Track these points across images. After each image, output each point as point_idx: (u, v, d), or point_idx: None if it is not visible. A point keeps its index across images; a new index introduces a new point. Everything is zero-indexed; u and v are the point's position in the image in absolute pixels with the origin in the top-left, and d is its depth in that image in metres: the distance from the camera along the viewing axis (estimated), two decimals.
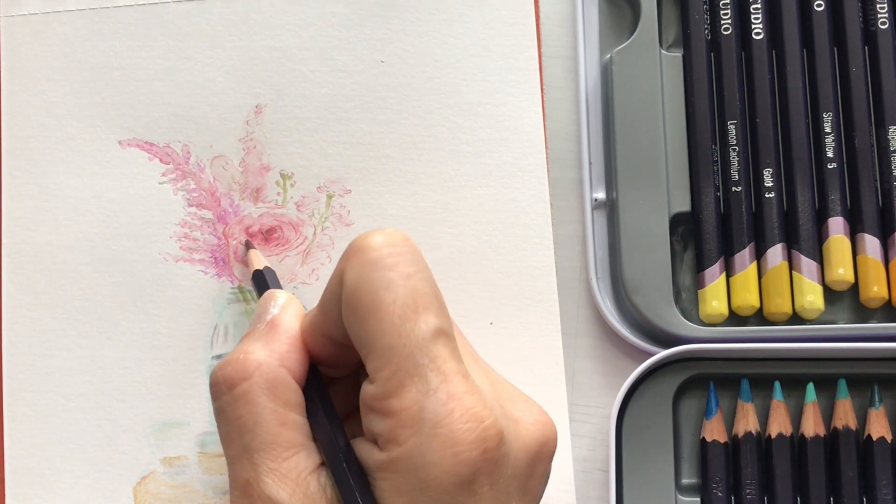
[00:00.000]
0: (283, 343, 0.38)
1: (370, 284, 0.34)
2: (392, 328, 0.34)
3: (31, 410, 0.48)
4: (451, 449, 0.33)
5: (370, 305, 0.34)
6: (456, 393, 0.33)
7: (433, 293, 0.35)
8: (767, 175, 0.48)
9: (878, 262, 0.47)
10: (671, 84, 0.49)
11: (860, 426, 0.47)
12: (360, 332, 0.34)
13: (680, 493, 0.47)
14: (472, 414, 0.33)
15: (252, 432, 0.36)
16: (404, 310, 0.34)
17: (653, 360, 0.47)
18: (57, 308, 0.48)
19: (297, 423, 0.36)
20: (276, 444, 0.35)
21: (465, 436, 0.33)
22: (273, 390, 0.36)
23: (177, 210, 0.49)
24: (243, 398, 0.36)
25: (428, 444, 0.33)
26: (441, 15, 0.50)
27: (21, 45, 0.50)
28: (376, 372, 0.34)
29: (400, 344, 0.34)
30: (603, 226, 0.49)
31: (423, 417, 0.33)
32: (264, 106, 0.49)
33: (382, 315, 0.34)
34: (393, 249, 0.35)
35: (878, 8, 0.49)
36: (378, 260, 0.35)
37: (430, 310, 0.34)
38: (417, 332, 0.34)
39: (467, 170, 0.49)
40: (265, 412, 0.36)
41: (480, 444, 0.33)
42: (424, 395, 0.33)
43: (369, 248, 0.35)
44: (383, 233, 0.35)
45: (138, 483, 0.47)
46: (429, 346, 0.34)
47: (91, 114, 0.49)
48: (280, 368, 0.37)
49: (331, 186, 0.49)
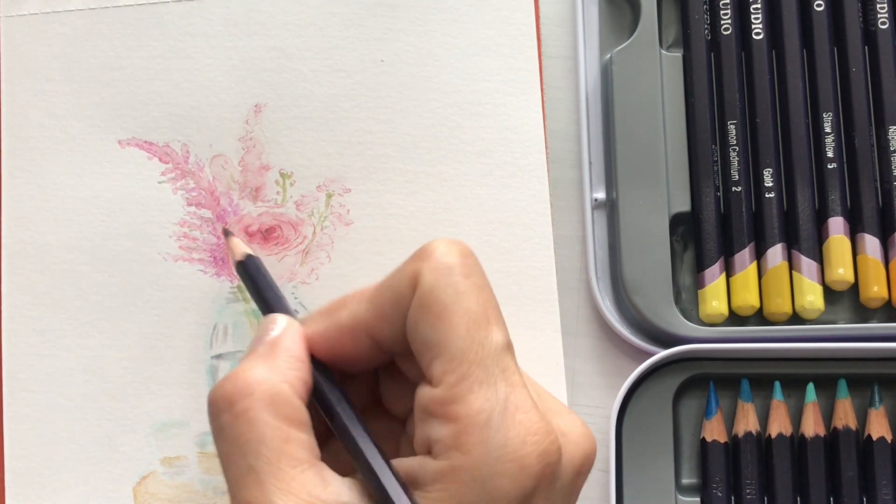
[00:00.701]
0: (284, 361, 0.37)
1: (448, 288, 0.34)
2: (467, 334, 0.34)
3: (31, 410, 0.48)
4: (518, 462, 0.33)
5: (446, 309, 0.34)
6: (523, 406, 0.33)
7: (499, 308, 0.35)
8: (767, 175, 0.48)
9: (878, 262, 0.47)
10: (671, 84, 0.49)
11: (860, 426, 0.47)
12: (430, 335, 0.34)
13: (680, 493, 0.47)
14: (538, 427, 0.33)
15: (256, 451, 0.34)
16: (478, 318, 0.34)
17: (653, 360, 0.47)
18: (57, 308, 0.48)
19: (302, 441, 0.35)
20: (282, 463, 0.34)
21: (532, 449, 0.33)
22: (276, 407, 0.35)
23: (176, 209, 0.49)
24: (244, 416, 0.35)
25: (496, 454, 0.33)
26: (441, 15, 0.50)
27: (21, 45, 0.50)
28: (444, 375, 0.34)
29: (473, 350, 0.34)
30: (603, 226, 0.49)
31: (491, 426, 0.33)
32: (264, 105, 0.49)
33: (457, 320, 0.34)
34: (467, 259, 0.35)
35: (878, 8, 0.49)
36: (455, 267, 0.35)
37: (500, 323, 0.35)
38: (490, 341, 0.34)
39: (467, 170, 0.49)
40: (269, 430, 0.34)
41: (545, 458, 0.33)
42: (493, 404, 0.33)
43: (446, 254, 0.35)
44: (456, 242, 0.36)
45: (138, 483, 0.47)
46: (500, 357, 0.34)
47: (91, 114, 0.49)
48: (282, 384, 0.36)
49: (330, 186, 0.49)
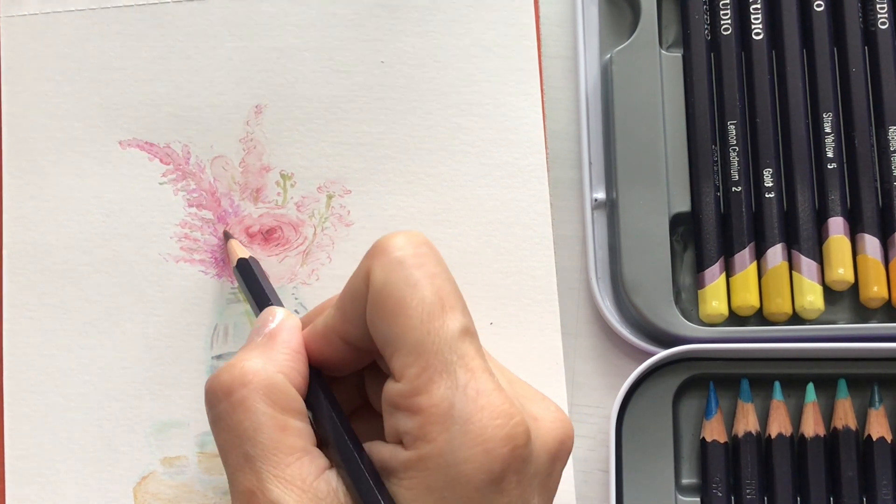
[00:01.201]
0: (280, 353, 0.37)
1: (398, 282, 0.35)
2: (421, 325, 0.34)
3: (31, 410, 0.48)
4: (482, 445, 0.33)
5: (398, 303, 0.34)
6: (484, 390, 0.34)
7: (457, 293, 0.35)
8: (767, 175, 0.48)
9: (878, 262, 0.47)
10: (671, 84, 0.49)
11: (860, 426, 0.47)
12: (386, 330, 0.35)
13: (680, 493, 0.47)
14: (501, 411, 0.33)
15: (252, 439, 0.35)
16: (432, 307, 0.34)
17: (653, 360, 0.47)
18: (57, 308, 0.48)
19: (298, 429, 0.36)
20: (278, 451, 0.35)
21: (495, 432, 0.33)
22: (271, 396, 0.36)
23: (177, 210, 0.49)
24: (241, 405, 0.36)
25: (460, 440, 0.33)
26: (441, 15, 0.50)
27: (21, 45, 0.50)
28: (404, 369, 0.34)
29: (429, 341, 0.34)
30: (603, 226, 0.49)
31: (454, 414, 0.33)
32: (264, 106, 0.49)
33: (411, 312, 0.34)
34: (418, 250, 0.35)
35: (878, 8, 0.49)
36: (404, 259, 0.35)
37: (456, 308, 0.35)
38: (446, 330, 0.34)
39: (467, 170, 0.49)
40: (264, 418, 0.35)
41: (511, 441, 0.33)
42: (454, 392, 0.33)
43: (395, 247, 0.35)
44: (407, 234, 0.36)
45: (138, 483, 0.47)
46: (457, 344, 0.34)
47: (91, 114, 0.49)
48: (278, 374, 0.36)
49: (331, 187, 0.49)
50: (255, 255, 0.48)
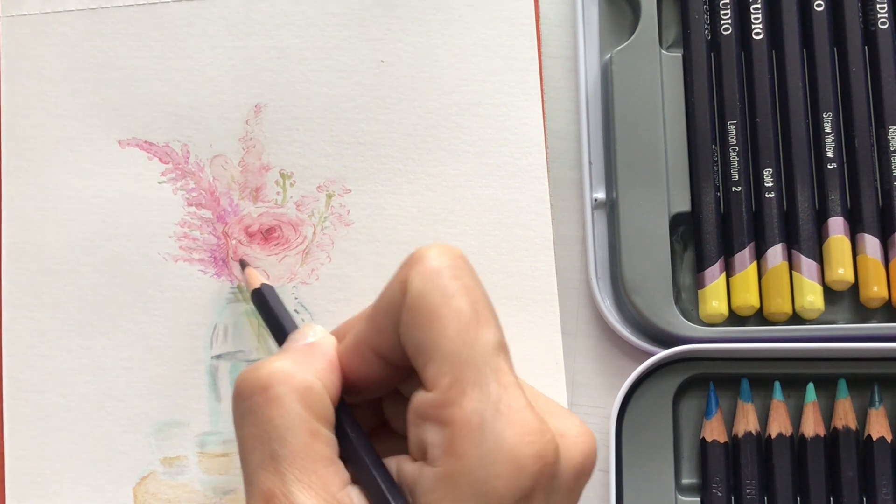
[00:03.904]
0: (320, 362, 0.37)
1: (436, 291, 0.34)
2: (457, 335, 0.34)
3: (31, 410, 0.48)
4: (513, 462, 0.32)
5: (435, 311, 0.34)
6: (517, 406, 0.33)
7: (491, 307, 0.35)
8: (767, 175, 0.48)
9: (878, 262, 0.47)
10: (671, 84, 0.49)
11: (860, 426, 0.47)
12: (421, 339, 0.34)
13: (680, 493, 0.47)
14: (532, 427, 0.33)
15: (282, 439, 0.34)
16: (469, 319, 0.34)
17: (653, 360, 0.47)
18: (57, 308, 0.48)
19: (327, 438, 0.35)
20: (306, 455, 0.34)
21: (527, 449, 0.33)
22: (308, 400, 0.35)
23: (176, 210, 0.49)
24: (277, 401, 0.35)
25: (491, 456, 0.32)
26: (441, 15, 0.50)
27: (21, 45, 0.50)
28: (437, 378, 0.34)
29: (464, 352, 0.33)
30: (603, 226, 0.49)
31: (485, 429, 0.33)
32: (264, 105, 0.49)
33: (447, 321, 0.34)
34: (455, 262, 0.35)
35: (878, 8, 0.49)
36: (443, 270, 0.35)
37: (491, 322, 0.34)
38: (481, 343, 0.34)
39: (467, 170, 0.49)
40: (298, 420, 0.35)
41: (541, 459, 0.33)
42: (486, 406, 0.33)
43: (434, 258, 0.35)
44: (444, 246, 0.36)
45: (138, 483, 0.47)
46: (492, 357, 0.34)
47: (91, 114, 0.49)
48: (316, 381, 0.36)
49: (330, 186, 0.49)
50: (255, 255, 0.48)
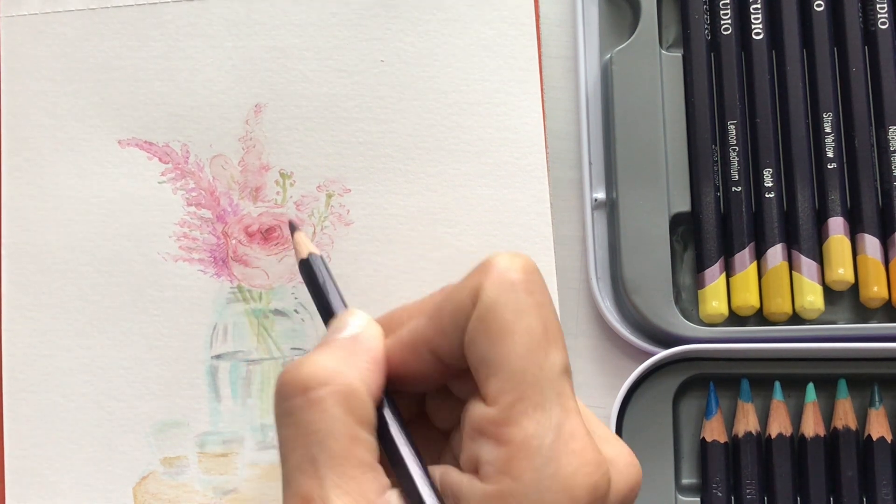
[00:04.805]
0: (364, 360, 0.36)
1: (510, 304, 0.33)
2: (526, 354, 0.33)
3: (31, 410, 0.48)
4: (569, 492, 0.32)
5: (506, 325, 0.33)
6: (578, 434, 0.33)
7: (559, 328, 0.34)
8: (767, 175, 0.48)
9: (878, 262, 0.47)
10: (671, 84, 0.49)
11: (860, 426, 0.47)
12: (488, 352, 0.33)
13: (680, 493, 0.47)
14: (590, 458, 0.32)
15: (322, 443, 0.34)
16: (539, 338, 0.33)
17: (653, 360, 0.47)
18: (57, 308, 0.48)
19: (368, 443, 0.34)
20: (345, 461, 0.34)
21: (584, 480, 0.32)
22: (349, 403, 0.34)
23: (176, 209, 0.49)
24: (318, 404, 0.34)
25: (547, 482, 0.32)
26: (441, 15, 0.50)
27: (21, 45, 0.50)
28: (499, 395, 0.33)
29: (531, 371, 0.33)
30: (603, 226, 0.49)
31: (543, 453, 0.32)
32: (264, 105, 0.49)
33: (517, 338, 0.33)
34: (530, 276, 0.34)
35: (878, 8, 0.49)
36: (518, 283, 0.34)
37: (559, 343, 0.34)
38: (549, 364, 0.33)
39: (467, 170, 0.49)
40: (339, 424, 0.34)
41: (594, 490, 0.32)
42: (547, 430, 0.32)
43: (510, 269, 0.34)
44: (519, 256, 0.34)
45: (138, 483, 0.47)
46: (557, 380, 0.33)
47: (91, 114, 0.49)
48: (358, 382, 0.35)
49: (330, 186, 0.49)
50: (255, 254, 0.48)
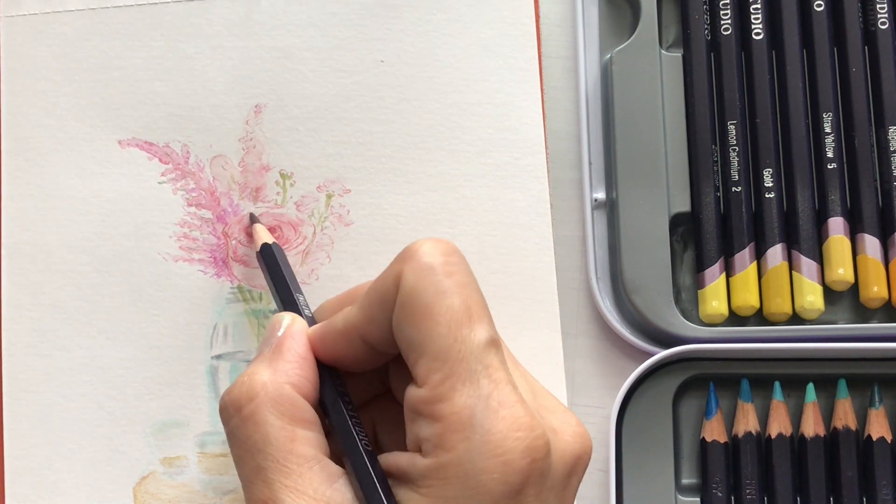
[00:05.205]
0: (288, 362, 0.38)
1: (429, 288, 0.35)
2: (448, 332, 0.34)
3: (31, 410, 0.48)
4: (502, 457, 0.33)
5: (427, 308, 0.34)
6: (507, 401, 0.34)
7: (484, 305, 0.36)
8: (767, 175, 0.48)
9: (878, 262, 0.47)
10: (671, 84, 0.49)
11: (860, 426, 0.47)
12: (413, 335, 0.35)
13: (680, 493, 0.47)
14: (522, 423, 0.33)
15: (263, 452, 0.36)
16: (460, 316, 0.34)
17: (653, 360, 0.47)
18: (57, 308, 0.48)
19: (308, 438, 0.36)
20: (287, 461, 0.35)
21: (515, 444, 0.33)
22: (280, 408, 0.36)
23: (176, 210, 0.49)
24: (251, 419, 0.36)
25: (479, 450, 0.33)
26: (441, 15, 0.50)
27: (21, 45, 0.50)
28: (428, 375, 0.34)
29: (455, 349, 0.34)
30: (603, 226, 0.49)
31: (474, 424, 0.33)
32: (264, 106, 0.49)
33: (439, 318, 0.34)
34: (449, 258, 0.35)
35: (878, 8, 0.49)
36: (437, 266, 0.35)
37: (483, 319, 0.35)
38: (472, 339, 0.34)
39: (467, 170, 0.49)
40: (273, 430, 0.36)
41: (530, 454, 0.33)
42: (476, 401, 0.33)
43: (428, 253, 0.35)
44: (438, 241, 0.36)
45: (138, 483, 0.47)
46: (482, 354, 0.34)
47: (91, 114, 0.49)
48: (286, 386, 0.37)
49: (330, 186, 0.49)
50: (255, 255, 0.48)
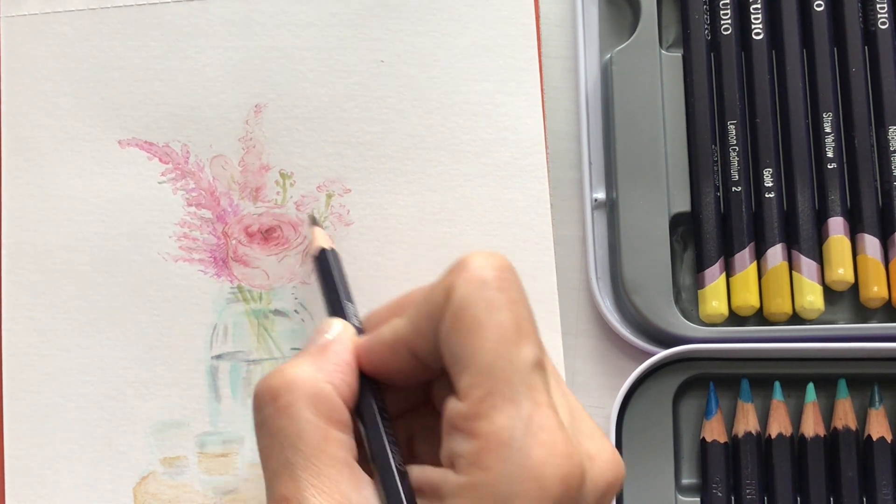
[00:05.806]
0: (331, 363, 0.37)
1: (480, 302, 0.34)
2: (495, 348, 0.33)
3: (31, 410, 0.48)
4: (538, 482, 0.32)
5: (477, 322, 0.34)
6: (547, 426, 0.33)
7: (534, 323, 0.35)
8: (767, 175, 0.48)
9: (878, 262, 0.47)
10: (671, 84, 0.49)
11: (860, 426, 0.47)
12: (459, 348, 0.34)
13: (680, 493, 0.47)
14: (561, 450, 0.33)
15: (294, 446, 0.35)
16: (509, 333, 0.34)
17: (653, 360, 0.47)
18: (57, 308, 0.48)
19: (340, 440, 0.35)
20: (318, 460, 0.35)
21: (553, 471, 0.32)
22: (317, 405, 0.35)
23: (176, 210, 0.49)
24: (286, 410, 0.35)
25: (515, 473, 0.32)
26: (441, 15, 0.50)
27: (21, 45, 0.50)
28: (470, 390, 0.33)
29: (500, 366, 0.33)
30: (603, 226, 0.49)
31: (513, 446, 0.32)
32: (264, 105, 0.49)
33: (488, 333, 0.34)
34: (503, 273, 0.35)
35: (878, 8, 0.49)
36: (489, 280, 0.34)
37: (532, 339, 0.34)
38: (519, 358, 0.33)
39: (467, 170, 0.49)
40: (308, 426, 0.35)
41: (566, 482, 0.33)
42: (516, 422, 0.33)
43: (482, 267, 0.35)
44: (492, 255, 0.35)
45: (138, 483, 0.47)
46: (528, 374, 0.33)
47: (91, 114, 0.49)
48: (326, 384, 0.36)
49: (330, 186, 0.49)
50: (255, 255, 0.48)
